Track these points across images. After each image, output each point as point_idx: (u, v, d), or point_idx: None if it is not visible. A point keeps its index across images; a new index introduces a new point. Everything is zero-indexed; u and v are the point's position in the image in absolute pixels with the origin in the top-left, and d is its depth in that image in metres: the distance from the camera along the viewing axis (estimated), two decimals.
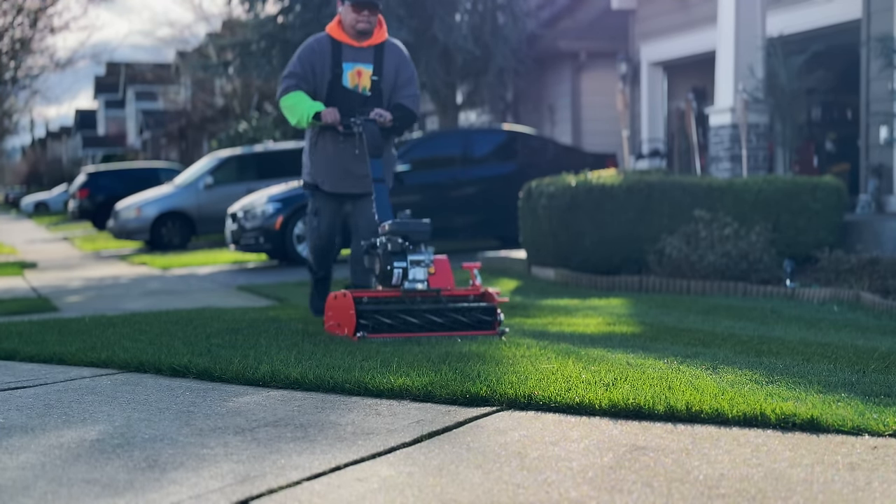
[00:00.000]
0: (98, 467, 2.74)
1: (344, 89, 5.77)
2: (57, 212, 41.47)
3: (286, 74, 5.83)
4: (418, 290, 5.14)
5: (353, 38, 5.76)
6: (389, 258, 5.15)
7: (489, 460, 2.75)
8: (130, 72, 51.06)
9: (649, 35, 15.66)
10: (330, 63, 5.76)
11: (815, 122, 14.35)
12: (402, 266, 5.13)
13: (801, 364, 4.17)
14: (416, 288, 5.13)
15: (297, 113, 5.71)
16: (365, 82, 5.79)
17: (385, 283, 5.22)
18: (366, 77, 5.79)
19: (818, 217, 8.46)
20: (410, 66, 5.90)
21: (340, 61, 5.76)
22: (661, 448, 2.83)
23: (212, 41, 29.39)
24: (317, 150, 5.92)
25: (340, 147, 5.82)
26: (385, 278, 5.19)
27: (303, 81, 5.76)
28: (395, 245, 5.17)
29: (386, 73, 5.81)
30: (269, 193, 12.30)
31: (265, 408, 3.47)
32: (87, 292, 9.55)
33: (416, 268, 5.15)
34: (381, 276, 5.22)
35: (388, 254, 5.17)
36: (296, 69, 5.79)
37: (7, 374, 4.38)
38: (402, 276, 5.14)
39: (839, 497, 2.39)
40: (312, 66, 5.77)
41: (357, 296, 5.07)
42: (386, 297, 5.15)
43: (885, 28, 10.07)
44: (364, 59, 5.78)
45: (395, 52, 5.86)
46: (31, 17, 23.37)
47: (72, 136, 69.83)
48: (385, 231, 5.24)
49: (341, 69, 5.76)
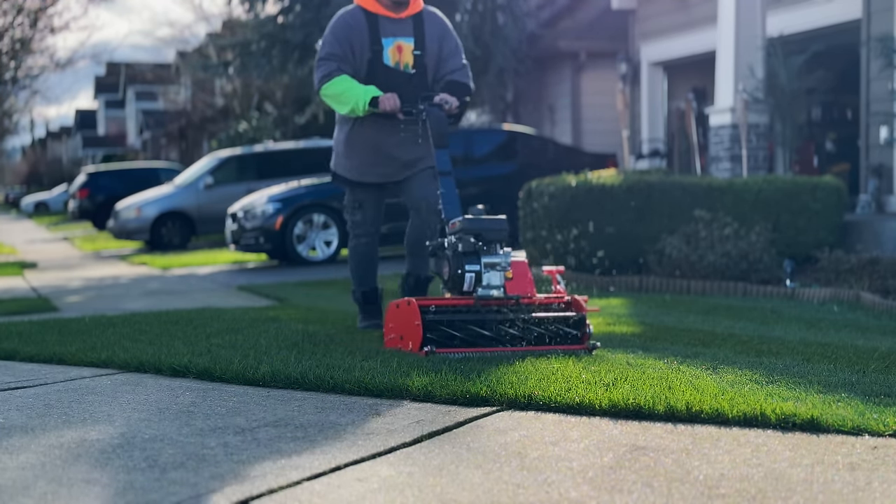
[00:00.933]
0: (98, 467, 2.74)
1: (385, 68, 5.06)
2: (57, 212, 41.47)
3: (323, 56, 5.08)
4: (494, 297, 4.49)
5: (388, 8, 5.09)
6: (460, 261, 4.52)
7: (489, 460, 2.75)
8: (130, 72, 51.06)
9: (649, 35, 15.66)
10: (368, 39, 5.05)
11: (815, 122, 14.35)
12: (475, 270, 4.49)
13: (801, 364, 4.17)
14: (492, 295, 4.48)
15: (349, 101, 4.97)
16: (407, 58, 5.11)
17: (455, 289, 4.59)
18: (407, 52, 5.11)
19: (818, 217, 8.46)
20: (454, 36, 5.25)
21: (379, 36, 5.05)
22: (661, 448, 2.83)
23: (212, 41, 29.38)
24: (355, 137, 5.21)
25: (383, 132, 5.14)
26: (455, 284, 4.56)
27: (344, 62, 5.03)
28: (467, 245, 4.54)
29: (429, 45, 5.14)
30: (269, 193, 12.30)
31: (265, 408, 3.47)
32: (87, 292, 9.55)
33: (490, 272, 4.50)
34: (451, 281, 4.58)
35: (458, 255, 4.54)
36: (334, 49, 5.04)
37: (7, 374, 4.38)
38: (475, 281, 4.50)
39: (839, 497, 2.39)
40: (351, 44, 5.04)
41: (423, 304, 4.42)
42: (456, 306, 4.49)
43: (885, 28, 10.07)
44: (403, 32, 5.10)
45: (435, 21, 5.19)
46: (31, 17, 23.36)
47: (72, 136, 69.83)
48: (455, 229, 4.61)
49: (381, 45, 5.05)
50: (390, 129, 5.12)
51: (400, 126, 5.09)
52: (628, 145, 14.33)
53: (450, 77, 5.15)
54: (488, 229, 4.54)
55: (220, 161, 17.27)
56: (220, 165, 17.13)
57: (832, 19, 11.91)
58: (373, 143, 5.17)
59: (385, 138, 5.15)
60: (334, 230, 11.87)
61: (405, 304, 4.46)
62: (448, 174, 4.88)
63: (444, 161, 4.90)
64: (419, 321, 4.32)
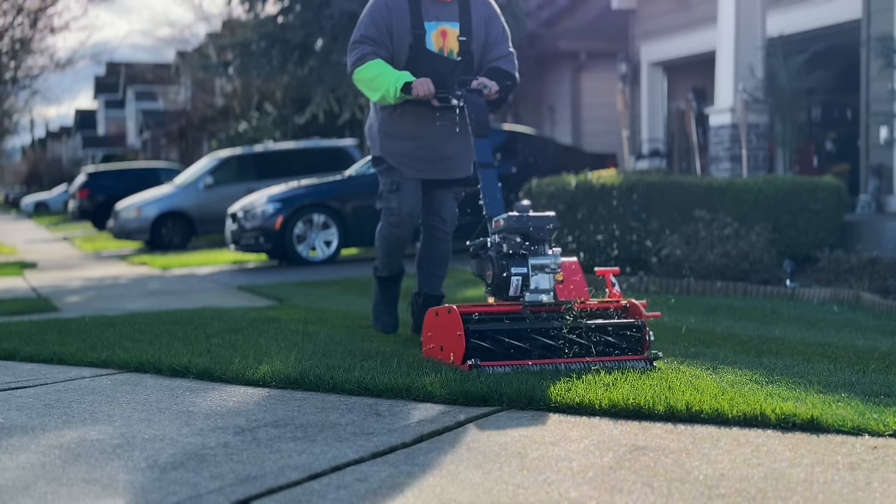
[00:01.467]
0: (98, 467, 2.74)
1: (429, 54, 4.69)
2: (57, 212, 41.47)
3: (357, 39, 4.73)
4: (543, 303, 4.11)
5: None
6: (505, 263, 4.13)
7: (489, 460, 2.75)
8: (130, 72, 51.08)
9: (649, 35, 15.66)
10: (409, 23, 4.67)
11: (815, 122, 14.35)
12: (522, 273, 4.10)
13: (801, 364, 4.17)
14: (541, 301, 4.10)
15: (381, 86, 4.61)
16: (452, 44, 4.74)
17: (500, 294, 4.18)
18: (452, 38, 4.74)
19: (818, 217, 8.45)
20: (501, 21, 4.90)
21: (421, 19, 4.67)
22: (661, 448, 2.83)
23: (212, 41, 29.40)
24: (390, 126, 4.85)
25: (420, 121, 4.78)
26: (499, 288, 4.16)
27: (380, 46, 4.68)
28: (513, 245, 4.15)
29: (475, 30, 4.77)
30: (269, 193, 12.30)
31: (265, 408, 3.47)
32: (87, 292, 9.55)
33: (539, 274, 4.11)
34: (495, 285, 4.18)
35: (503, 257, 4.15)
36: (369, 32, 4.68)
37: (7, 374, 4.38)
38: (522, 285, 4.11)
39: (839, 497, 2.39)
40: (389, 28, 4.68)
41: (466, 312, 4.01)
42: (502, 313, 4.09)
43: (885, 28, 10.07)
44: (448, 16, 4.73)
45: (482, 4, 4.83)
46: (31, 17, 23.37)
47: (72, 136, 69.84)
48: (499, 228, 4.22)
49: (423, 29, 4.69)
50: (427, 117, 4.76)
51: (436, 114, 4.74)
52: (628, 145, 14.33)
53: (494, 64, 4.81)
54: (536, 227, 4.14)
55: (220, 161, 17.27)
56: (220, 165, 17.13)
57: (832, 19, 11.91)
58: (409, 133, 4.81)
59: (422, 128, 4.78)
60: (334, 230, 11.87)
61: (445, 312, 4.05)
62: (489, 166, 4.49)
63: (484, 152, 4.52)
64: (461, 331, 3.90)
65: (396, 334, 5.13)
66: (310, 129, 23.80)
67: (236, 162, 17.27)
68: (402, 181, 4.83)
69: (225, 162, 17.24)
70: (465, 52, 4.75)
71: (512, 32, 5.57)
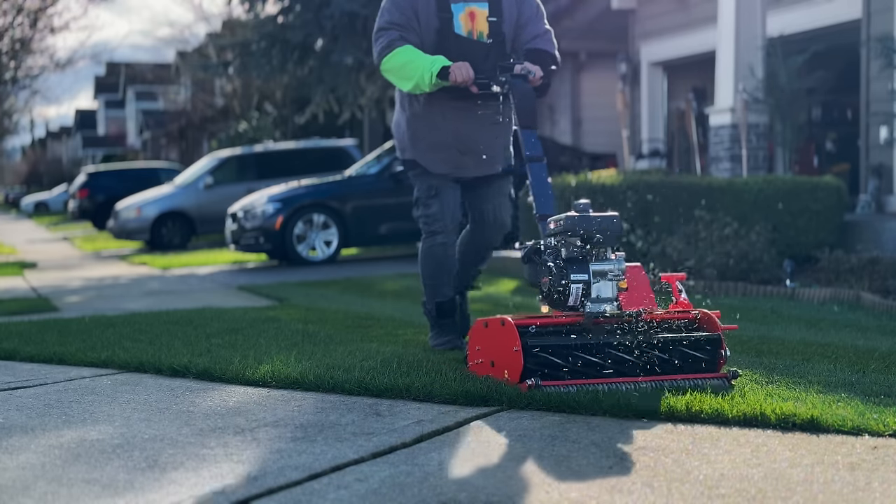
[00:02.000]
0: (98, 467, 2.74)
1: (457, 38, 4.37)
2: (57, 212, 41.47)
3: (383, 26, 4.40)
4: (606, 313, 3.68)
5: None
6: (564, 269, 3.70)
7: (489, 460, 2.75)
8: (130, 72, 51.09)
9: (649, 35, 15.66)
10: (434, 6, 4.38)
11: (815, 122, 14.35)
12: (583, 280, 3.67)
13: (801, 364, 4.17)
14: (603, 311, 3.68)
15: (413, 73, 4.25)
16: (481, 26, 4.41)
17: (557, 303, 3.76)
18: (481, 19, 4.42)
19: (818, 217, 8.45)
20: None
21: (447, 2, 4.39)
22: (661, 448, 2.83)
23: (212, 41, 29.40)
24: (422, 121, 4.50)
25: (456, 111, 4.42)
26: (557, 297, 3.74)
27: (408, 31, 4.35)
28: (572, 249, 3.74)
29: (506, 10, 4.44)
30: (269, 193, 12.30)
31: (265, 408, 3.47)
32: (87, 292, 9.55)
33: (601, 282, 3.69)
34: (550, 294, 3.76)
35: (560, 262, 3.73)
36: (395, 18, 4.37)
37: (7, 374, 4.38)
38: (583, 293, 3.68)
39: (839, 497, 2.39)
40: (415, 11, 4.37)
41: (522, 324, 3.61)
42: (561, 326, 3.68)
43: (885, 28, 10.07)
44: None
45: None
46: (31, 17, 23.38)
47: (72, 136, 69.85)
48: (556, 229, 3.79)
49: (450, 12, 4.39)
50: (464, 106, 4.40)
51: (477, 102, 4.37)
52: (628, 145, 14.33)
53: (531, 45, 4.43)
54: (599, 230, 3.68)
55: (220, 161, 17.28)
56: (220, 165, 17.14)
57: (832, 19, 11.91)
58: (443, 126, 4.45)
59: (459, 119, 4.43)
60: (334, 230, 11.87)
61: (497, 324, 3.65)
62: (539, 160, 4.08)
63: (532, 144, 4.12)
64: (518, 346, 3.49)
65: (396, 335, 5.13)
66: (310, 129, 23.80)
67: (236, 162, 17.27)
68: (441, 184, 4.51)
69: (225, 162, 17.24)
70: (496, 33, 4.41)
71: None
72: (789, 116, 10.58)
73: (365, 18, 14.11)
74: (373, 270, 10.34)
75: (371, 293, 8.02)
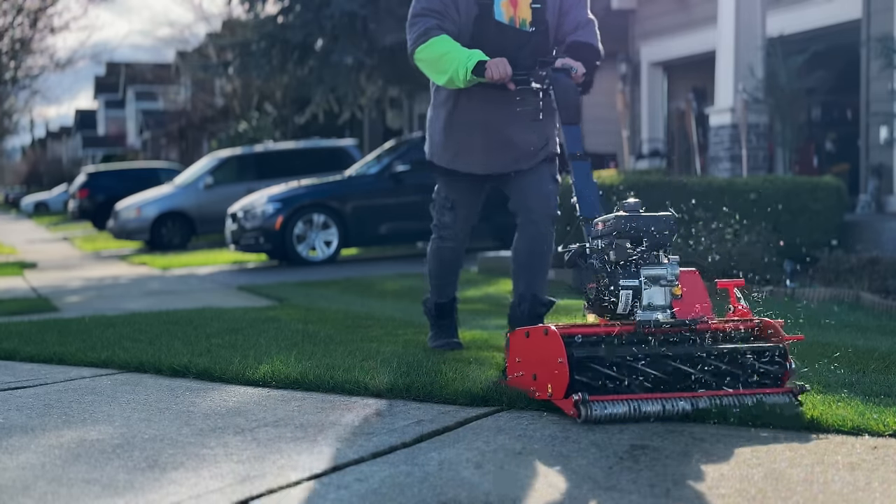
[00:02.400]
0: (98, 467, 2.74)
1: (498, 25, 4.08)
2: (57, 212, 41.48)
3: (418, 12, 4.10)
4: (659, 322, 3.31)
5: None
6: (613, 273, 3.39)
7: (489, 460, 2.75)
8: (130, 72, 51.10)
9: (649, 35, 15.66)
10: None
11: (815, 122, 14.35)
12: (633, 285, 3.34)
13: (801, 364, 4.17)
14: (656, 319, 3.31)
15: (448, 67, 3.97)
16: (523, 13, 4.11)
17: (605, 311, 3.46)
18: (524, 5, 4.11)
19: (818, 217, 8.45)
20: None
21: None
22: (661, 448, 2.83)
23: (212, 41, 29.40)
24: (457, 117, 4.25)
25: (493, 108, 4.17)
26: (605, 305, 3.43)
27: (445, 19, 4.06)
28: (621, 252, 3.39)
29: None
30: (269, 193, 12.30)
31: (265, 408, 3.47)
32: (87, 292, 9.55)
33: (652, 287, 3.35)
34: (598, 300, 3.47)
35: (609, 266, 3.42)
36: (432, 3, 4.06)
37: (7, 374, 4.39)
38: (633, 300, 3.36)
39: (839, 497, 2.39)
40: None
41: (567, 333, 3.28)
42: (610, 335, 3.31)
43: (885, 28, 10.07)
44: None
45: None
46: (31, 17, 23.40)
47: (72, 136, 69.85)
48: (604, 230, 3.46)
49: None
50: (502, 103, 4.13)
51: (516, 98, 4.08)
52: (628, 145, 14.33)
53: (573, 38, 4.12)
54: (651, 231, 3.35)
55: (220, 161, 17.28)
56: (220, 165, 17.14)
57: (832, 19, 11.91)
58: (480, 123, 4.20)
59: (495, 115, 4.18)
60: (334, 230, 11.88)
61: (540, 334, 3.32)
62: (582, 158, 3.81)
63: (575, 141, 3.84)
64: (564, 358, 3.17)
65: (396, 335, 5.13)
66: (310, 129, 23.80)
67: (236, 162, 17.28)
68: (463, 195, 4.38)
69: (225, 162, 17.25)
70: (539, 21, 4.11)
71: None
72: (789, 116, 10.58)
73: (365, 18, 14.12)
74: (373, 270, 10.35)
75: (371, 293, 8.02)
